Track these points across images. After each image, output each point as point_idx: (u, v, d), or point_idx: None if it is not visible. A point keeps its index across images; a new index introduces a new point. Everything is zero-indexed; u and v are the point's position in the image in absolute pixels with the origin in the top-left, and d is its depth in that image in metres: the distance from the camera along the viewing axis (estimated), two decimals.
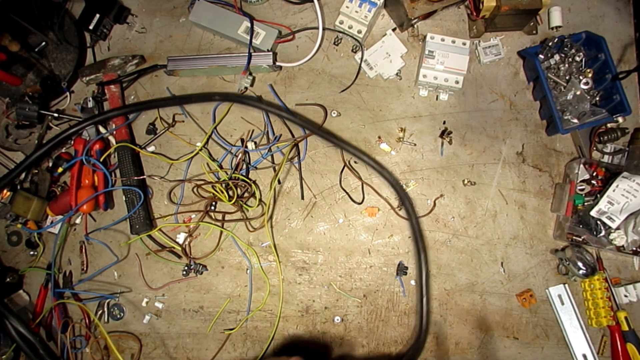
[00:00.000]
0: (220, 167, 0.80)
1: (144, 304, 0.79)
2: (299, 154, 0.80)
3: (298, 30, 0.82)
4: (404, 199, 0.71)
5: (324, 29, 0.80)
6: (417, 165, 0.79)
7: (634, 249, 0.71)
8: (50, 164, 0.80)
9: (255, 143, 0.80)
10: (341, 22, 0.78)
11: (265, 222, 0.78)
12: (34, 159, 0.76)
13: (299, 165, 0.79)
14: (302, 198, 0.79)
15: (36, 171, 0.80)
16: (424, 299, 0.68)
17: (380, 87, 0.81)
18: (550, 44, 0.72)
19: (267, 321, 0.77)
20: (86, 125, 0.77)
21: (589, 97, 0.74)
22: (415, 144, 0.79)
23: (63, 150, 0.82)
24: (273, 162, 0.80)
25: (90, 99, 0.81)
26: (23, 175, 0.80)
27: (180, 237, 0.79)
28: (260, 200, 0.79)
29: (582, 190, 0.73)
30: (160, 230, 0.79)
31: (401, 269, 0.76)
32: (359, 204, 0.78)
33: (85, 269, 0.80)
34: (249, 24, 0.79)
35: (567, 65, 0.75)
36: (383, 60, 0.80)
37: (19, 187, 0.79)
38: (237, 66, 0.79)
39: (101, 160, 0.78)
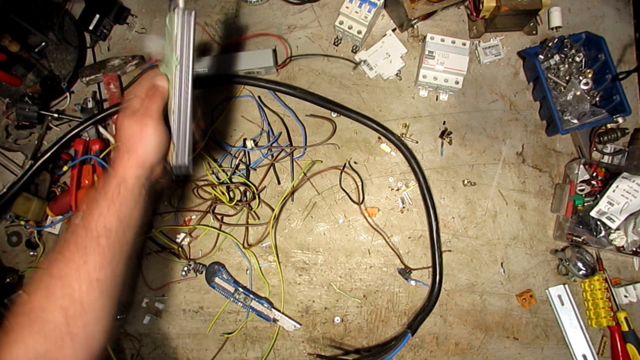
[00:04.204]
0: (220, 166, 0.80)
1: (144, 304, 0.79)
2: (292, 163, 0.80)
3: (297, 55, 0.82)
4: (409, 157, 0.76)
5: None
6: None
7: (634, 249, 0.71)
8: (50, 165, 0.80)
9: (254, 141, 0.80)
10: (341, 23, 0.78)
11: (271, 231, 0.78)
12: (50, 156, 0.78)
13: (292, 165, 0.79)
14: (292, 200, 0.80)
15: None
16: (437, 252, 0.75)
17: (380, 88, 0.81)
18: (550, 44, 0.72)
19: (266, 321, 0.77)
20: (94, 121, 0.78)
21: (589, 98, 0.74)
22: (417, 142, 0.79)
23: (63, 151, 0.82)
24: (275, 169, 0.80)
25: (90, 99, 0.81)
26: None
27: (180, 237, 0.79)
28: (255, 205, 0.79)
29: (582, 190, 0.73)
30: (160, 230, 0.79)
31: (404, 273, 0.76)
32: (359, 204, 0.78)
33: None
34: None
35: (567, 65, 0.75)
36: (383, 60, 0.80)
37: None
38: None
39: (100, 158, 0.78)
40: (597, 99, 0.74)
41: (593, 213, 0.71)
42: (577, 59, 0.74)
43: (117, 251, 0.51)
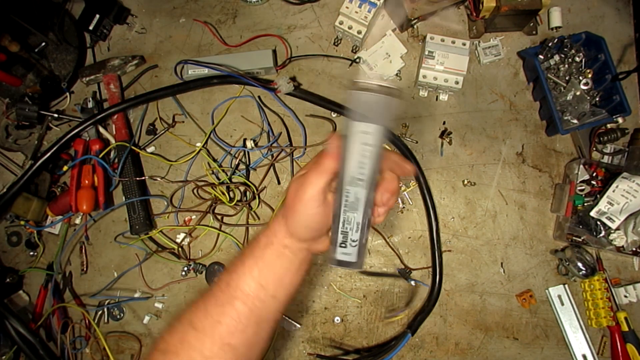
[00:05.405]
0: (220, 166, 0.80)
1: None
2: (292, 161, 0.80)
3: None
4: (409, 157, 0.76)
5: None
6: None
7: (634, 249, 0.71)
8: (50, 165, 0.80)
9: (254, 142, 0.80)
10: (341, 23, 0.78)
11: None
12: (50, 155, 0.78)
13: (292, 165, 0.79)
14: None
15: None
16: (437, 252, 0.75)
17: None
18: (550, 44, 0.72)
19: None
20: (94, 121, 0.79)
21: (588, 98, 0.74)
22: (417, 142, 0.79)
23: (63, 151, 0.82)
24: (275, 169, 0.80)
25: (90, 99, 0.81)
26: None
27: (180, 238, 0.79)
28: (255, 205, 0.79)
29: (581, 190, 0.73)
30: (161, 231, 0.79)
31: (404, 273, 0.76)
32: None
33: (85, 269, 0.80)
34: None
35: (567, 65, 0.75)
36: (383, 60, 0.80)
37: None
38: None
39: (100, 158, 0.78)
40: (597, 99, 0.74)
41: (593, 213, 0.71)
42: (577, 59, 0.74)
43: (254, 320, 0.44)
